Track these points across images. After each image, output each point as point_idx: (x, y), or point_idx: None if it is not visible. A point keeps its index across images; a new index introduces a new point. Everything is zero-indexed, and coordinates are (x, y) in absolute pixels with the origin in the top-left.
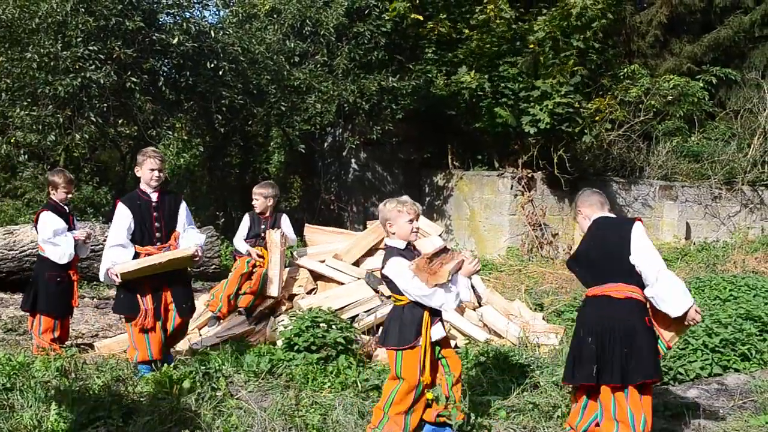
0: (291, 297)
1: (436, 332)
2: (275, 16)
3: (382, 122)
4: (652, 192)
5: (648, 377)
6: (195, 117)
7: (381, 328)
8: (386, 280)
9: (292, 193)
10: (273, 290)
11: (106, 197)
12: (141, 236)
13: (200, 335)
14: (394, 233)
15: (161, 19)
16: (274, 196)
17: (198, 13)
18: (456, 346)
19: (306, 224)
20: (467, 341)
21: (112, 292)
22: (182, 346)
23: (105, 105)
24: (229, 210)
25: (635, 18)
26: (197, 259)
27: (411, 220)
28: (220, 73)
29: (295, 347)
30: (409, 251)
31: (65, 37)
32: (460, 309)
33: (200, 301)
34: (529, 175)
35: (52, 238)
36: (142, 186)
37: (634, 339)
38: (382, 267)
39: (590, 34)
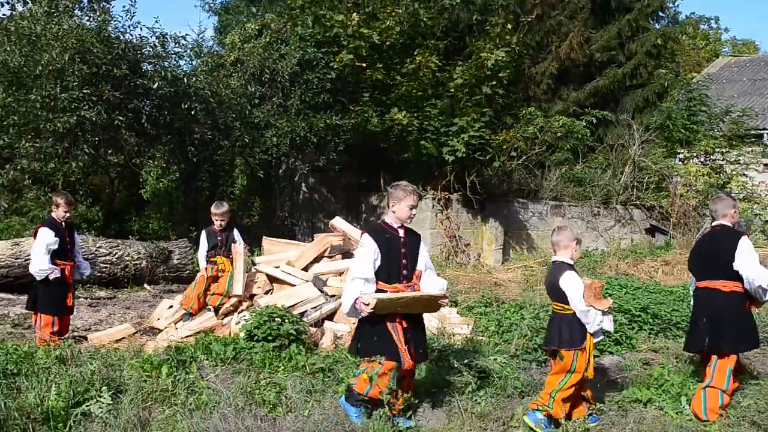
0: (251, 296)
1: (596, 337)
2: (239, 65)
3: (327, 153)
4: (545, 210)
5: (751, 347)
6: (172, 148)
7: (548, 332)
8: (559, 291)
9: (252, 211)
10: (238, 289)
11: (98, 214)
12: (388, 272)
13: (176, 328)
14: (560, 250)
15: (144, 68)
16: (229, 212)
17: (175, 62)
18: None
19: (264, 237)
20: None
21: (103, 294)
22: (163, 336)
23: (96, 138)
24: (200, 225)
25: (532, 70)
26: (445, 302)
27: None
28: (193, 112)
29: (255, 338)
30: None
31: (63, 82)
32: None
33: (176, 301)
34: (447, 197)
35: (40, 253)
36: (389, 219)
37: (738, 320)
38: (555, 279)
39: (497, 82)
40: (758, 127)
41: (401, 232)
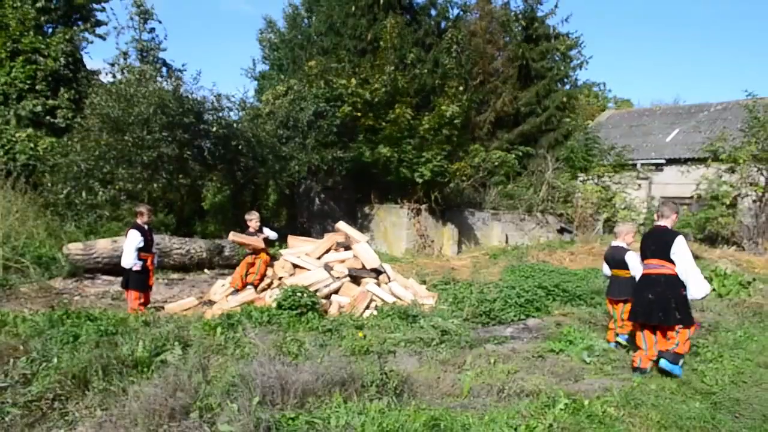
0: (280, 278)
1: None
2: (272, 115)
3: (333, 176)
4: (487, 216)
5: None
6: (225, 173)
7: (613, 288)
8: (624, 263)
9: (281, 217)
10: (259, 243)
11: (172, 220)
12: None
13: (227, 301)
14: (620, 238)
15: (205, 117)
16: (258, 217)
17: (227, 113)
18: (376, 306)
19: (289, 236)
20: (383, 302)
21: (175, 276)
22: (217, 306)
23: (171, 167)
24: (244, 228)
25: (477, 118)
26: None
27: (634, 234)
28: (240, 148)
29: (283, 307)
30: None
31: (148, 127)
32: (378, 283)
33: (226, 282)
34: (418, 207)
35: (130, 249)
36: (668, 225)
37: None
38: (621, 256)
39: (453, 127)
40: (633, 158)
41: None
